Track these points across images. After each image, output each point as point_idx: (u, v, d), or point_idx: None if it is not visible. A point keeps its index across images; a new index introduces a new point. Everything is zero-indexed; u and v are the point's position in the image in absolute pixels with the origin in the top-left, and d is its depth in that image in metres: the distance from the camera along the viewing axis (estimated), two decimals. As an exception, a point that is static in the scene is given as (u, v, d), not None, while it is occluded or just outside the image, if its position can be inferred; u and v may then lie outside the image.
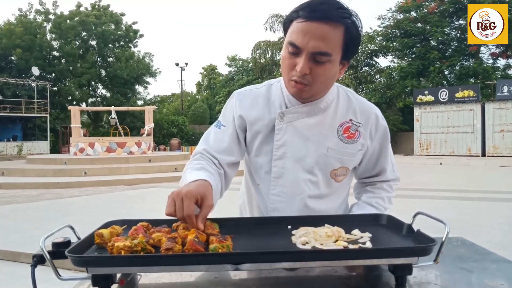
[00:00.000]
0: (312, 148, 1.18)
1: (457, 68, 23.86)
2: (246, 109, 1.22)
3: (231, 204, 1.57)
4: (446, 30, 23.81)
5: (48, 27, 31.89)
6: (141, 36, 34.85)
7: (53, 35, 31.93)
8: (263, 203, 1.25)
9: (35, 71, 27.26)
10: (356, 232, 0.95)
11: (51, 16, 32.07)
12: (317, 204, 1.23)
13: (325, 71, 1.07)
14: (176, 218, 0.92)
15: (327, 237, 0.90)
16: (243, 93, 1.26)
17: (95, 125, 33.73)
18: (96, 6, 33.49)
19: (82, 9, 32.72)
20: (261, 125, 1.21)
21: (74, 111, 17.92)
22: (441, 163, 16.98)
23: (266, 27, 30.16)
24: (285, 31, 1.11)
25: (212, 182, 1.04)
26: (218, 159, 1.20)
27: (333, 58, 1.06)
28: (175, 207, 0.91)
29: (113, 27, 33.38)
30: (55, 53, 31.93)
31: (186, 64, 34.45)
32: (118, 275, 0.83)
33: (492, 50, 23.95)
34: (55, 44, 32.03)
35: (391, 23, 25.56)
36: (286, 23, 1.10)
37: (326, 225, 0.98)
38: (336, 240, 0.90)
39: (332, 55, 1.05)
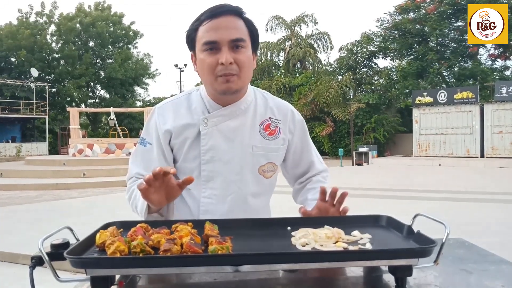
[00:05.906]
0: (238, 149, 1.23)
1: (455, 69, 23.87)
2: (170, 122, 1.25)
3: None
4: (445, 31, 23.83)
5: (49, 29, 31.88)
6: (141, 36, 34.76)
7: (54, 37, 31.92)
8: (194, 206, 1.27)
9: (34, 72, 27.25)
10: (356, 233, 0.95)
11: (52, 18, 32.06)
12: (249, 203, 1.27)
13: (246, 57, 1.15)
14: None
15: (327, 239, 0.90)
16: (164, 107, 1.29)
17: (94, 127, 33.71)
18: (100, 6, 33.44)
19: (84, 8, 32.70)
20: (186, 133, 1.24)
21: (73, 112, 17.91)
22: (440, 164, 16.99)
23: (267, 28, 30.23)
24: (192, 43, 1.18)
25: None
26: None
27: (247, 44, 1.16)
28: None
29: (112, 28, 33.36)
30: (54, 54, 31.91)
31: (185, 65, 34.34)
32: (117, 277, 0.83)
33: (491, 52, 23.99)
34: (56, 45, 32.01)
35: (390, 25, 25.57)
36: (192, 35, 1.17)
37: (326, 226, 0.97)
38: (336, 242, 0.89)
39: (246, 40, 1.16)
